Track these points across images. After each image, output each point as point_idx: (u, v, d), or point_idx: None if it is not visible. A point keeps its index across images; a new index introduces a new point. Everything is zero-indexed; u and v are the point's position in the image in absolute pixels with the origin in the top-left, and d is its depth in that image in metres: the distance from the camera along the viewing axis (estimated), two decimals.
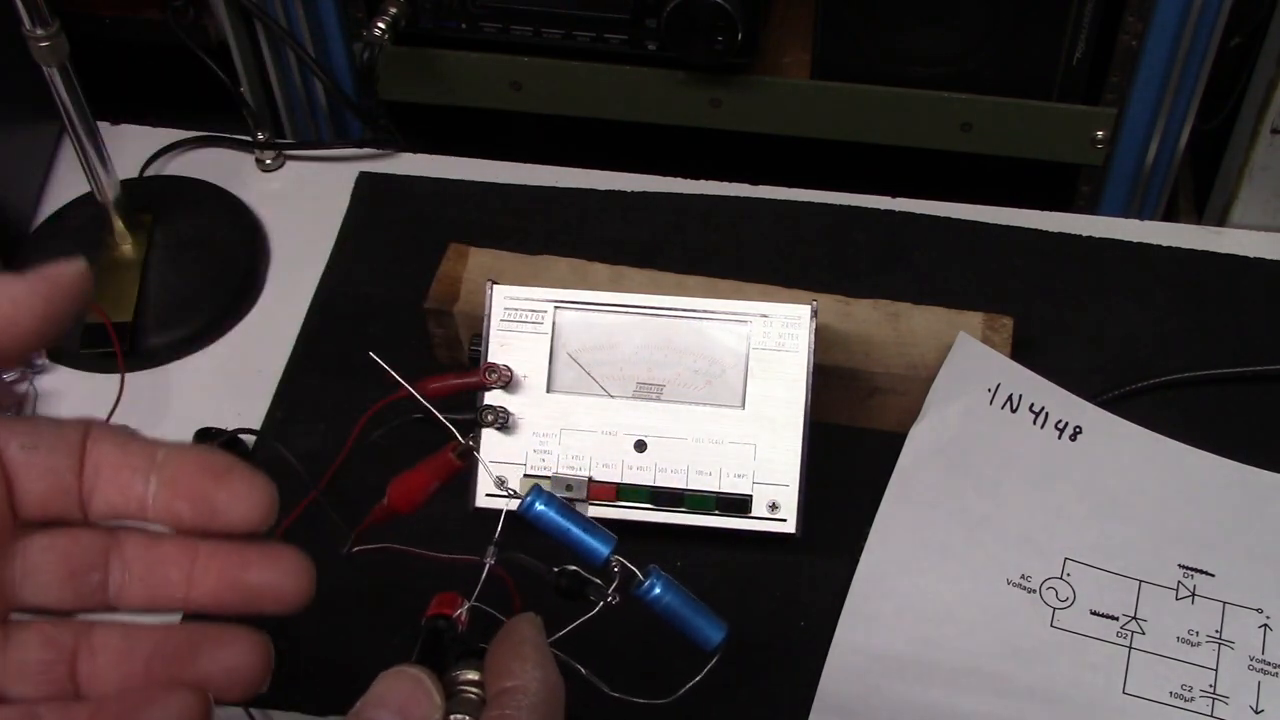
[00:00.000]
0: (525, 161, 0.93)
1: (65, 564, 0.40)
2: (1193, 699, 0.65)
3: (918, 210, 0.87)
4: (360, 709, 0.41)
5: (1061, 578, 0.69)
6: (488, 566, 0.44)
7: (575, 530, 0.45)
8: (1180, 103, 0.85)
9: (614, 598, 0.44)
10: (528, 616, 0.42)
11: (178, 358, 0.84)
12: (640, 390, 0.70)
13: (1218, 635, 0.67)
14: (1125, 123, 0.87)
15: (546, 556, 0.48)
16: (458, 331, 0.77)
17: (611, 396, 0.70)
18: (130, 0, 0.97)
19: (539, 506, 0.45)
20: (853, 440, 0.76)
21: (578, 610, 0.44)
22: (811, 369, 0.69)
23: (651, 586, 0.45)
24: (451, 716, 0.39)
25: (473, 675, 0.40)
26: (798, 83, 0.90)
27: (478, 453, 0.46)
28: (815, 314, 0.70)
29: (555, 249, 0.79)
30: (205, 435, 0.76)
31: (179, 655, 0.40)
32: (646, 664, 0.51)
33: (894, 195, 0.88)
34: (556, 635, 0.42)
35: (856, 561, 0.70)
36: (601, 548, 0.45)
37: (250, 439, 0.78)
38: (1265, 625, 0.67)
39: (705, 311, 0.71)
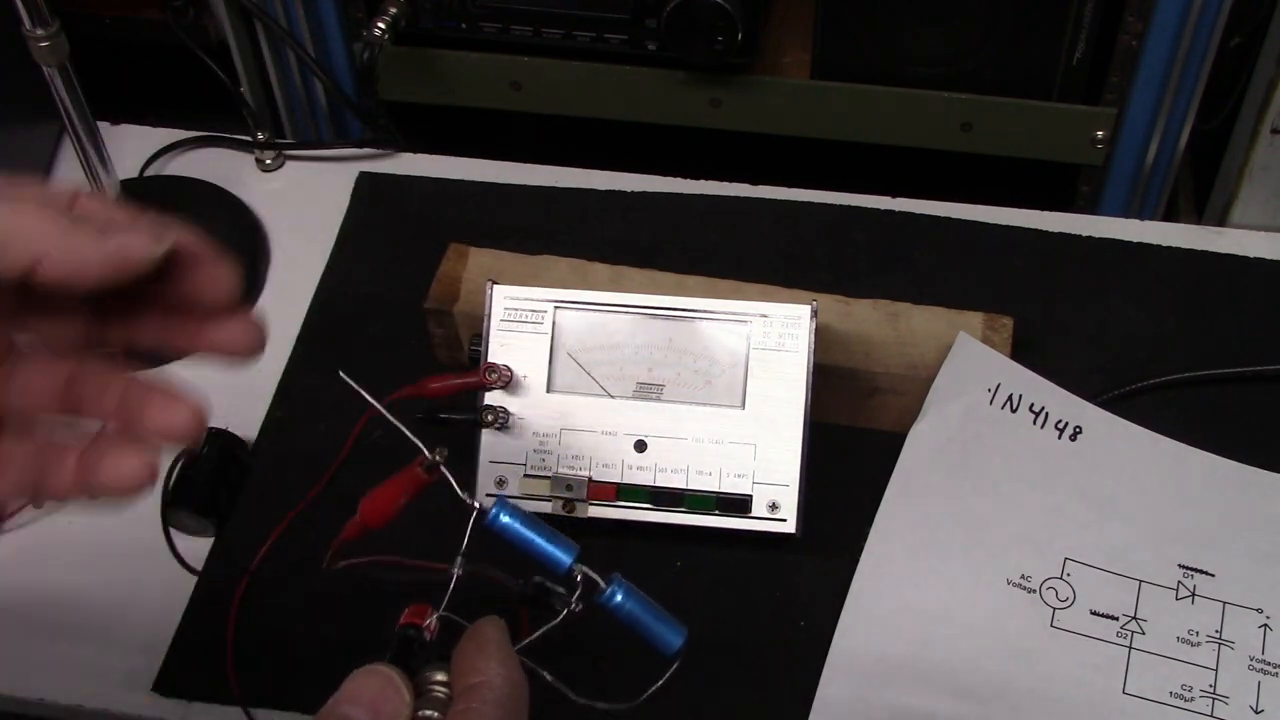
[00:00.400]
0: (525, 161, 0.93)
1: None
2: (1193, 699, 0.65)
3: (918, 210, 0.87)
4: (333, 705, 0.41)
5: (1061, 578, 0.69)
6: (455, 577, 0.45)
7: (538, 541, 0.46)
8: (1180, 103, 0.85)
9: (577, 605, 0.45)
10: (491, 619, 0.43)
11: (178, 358, 0.84)
12: (640, 390, 0.70)
13: (1218, 635, 0.67)
14: (1125, 123, 0.87)
15: (516, 564, 0.48)
16: (458, 331, 0.77)
17: (611, 396, 0.70)
18: (130, 0, 0.97)
19: (503, 519, 0.46)
20: (853, 440, 0.76)
21: (545, 618, 0.45)
22: (811, 369, 0.69)
23: (613, 594, 0.46)
24: (420, 713, 0.40)
25: (441, 675, 0.41)
26: (798, 83, 0.90)
27: (445, 468, 0.48)
28: (815, 314, 0.70)
29: (555, 249, 0.79)
30: (205, 435, 0.76)
31: (133, 405, 0.45)
32: (614, 670, 0.52)
33: (894, 195, 0.88)
34: (522, 643, 0.43)
35: (856, 561, 0.70)
36: (564, 557, 0.46)
37: (250, 439, 0.79)
38: (1265, 625, 0.67)
39: (705, 311, 0.71)
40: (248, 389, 0.81)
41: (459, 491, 0.47)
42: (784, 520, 0.69)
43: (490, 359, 0.71)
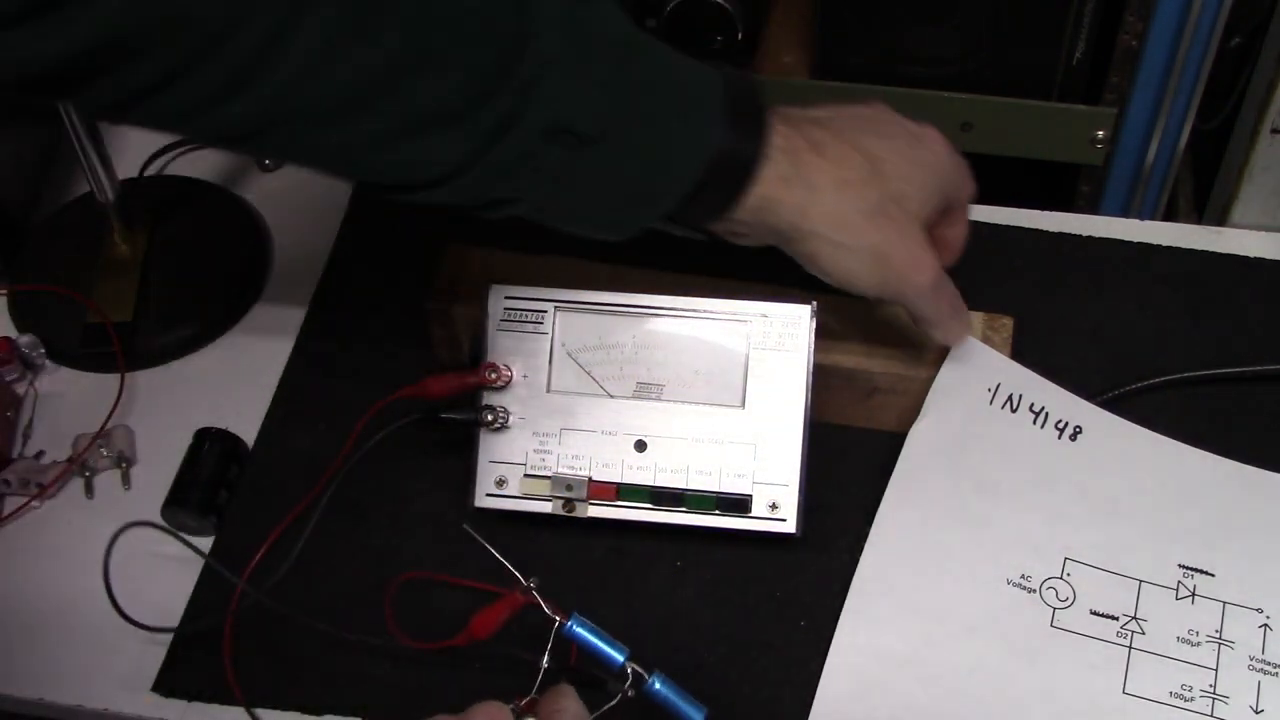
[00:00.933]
0: None
1: None
2: (1193, 699, 0.65)
3: None
4: (467, 713, 0.52)
5: (1061, 578, 0.69)
6: (543, 670, 0.57)
7: (599, 645, 0.59)
8: (1180, 103, 0.85)
9: (630, 692, 0.59)
10: (563, 684, 0.54)
11: (178, 358, 0.84)
12: (640, 390, 0.70)
13: (1218, 635, 0.67)
14: (1125, 123, 0.87)
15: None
16: (458, 331, 0.77)
17: (611, 396, 0.70)
18: None
19: (577, 630, 0.59)
20: (853, 440, 0.76)
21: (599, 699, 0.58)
22: (811, 369, 0.69)
23: (654, 683, 0.59)
24: None
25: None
26: (798, 83, 0.90)
27: (536, 593, 0.60)
28: (815, 314, 0.70)
29: (555, 249, 0.79)
30: (204, 435, 0.76)
31: None
32: None
33: None
34: (592, 716, 0.55)
35: (856, 561, 0.70)
36: (619, 656, 0.59)
37: (250, 439, 0.79)
38: (1265, 625, 0.67)
39: (705, 311, 0.71)
40: (248, 389, 0.81)
41: (546, 610, 0.59)
42: (784, 520, 0.69)
43: (490, 359, 0.71)
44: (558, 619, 0.59)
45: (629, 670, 0.59)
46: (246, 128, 0.53)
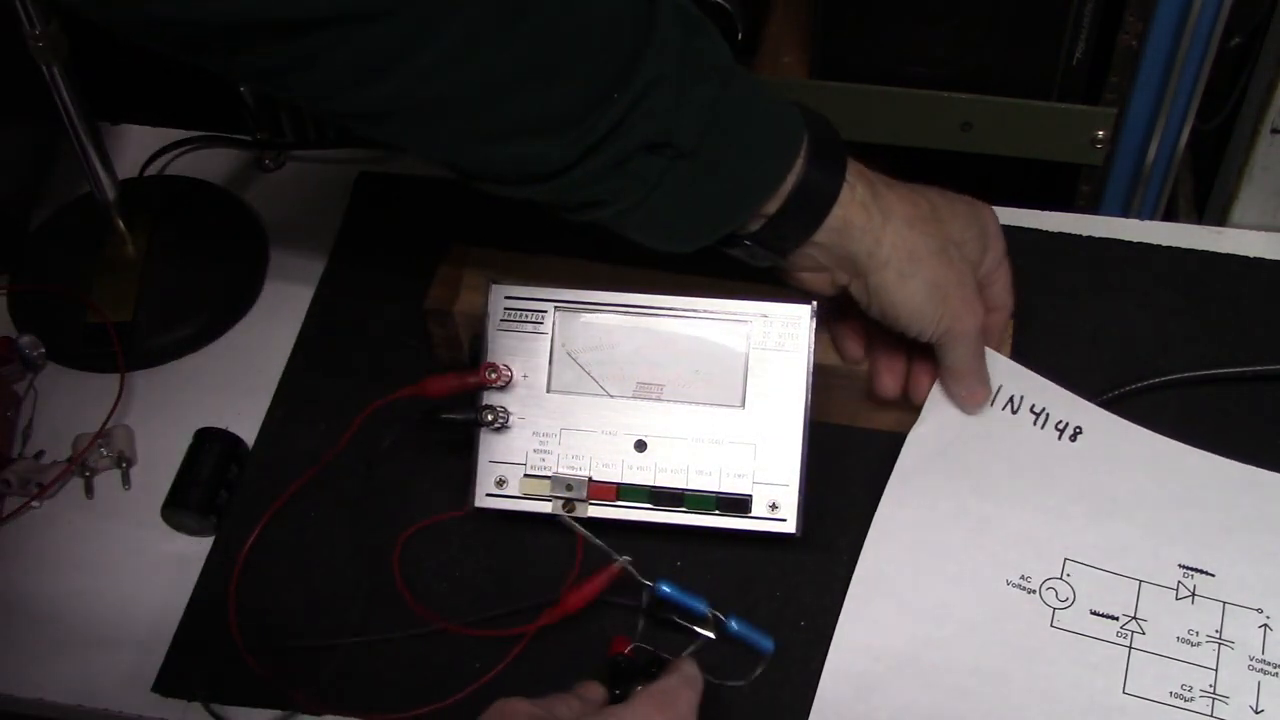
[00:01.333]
0: None
1: None
2: (1193, 699, 0.65)
3: None
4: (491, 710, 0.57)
5: (1061, 578, 0.69)
6: (640, 625, 0.68)
7: (686, 600, 0.68)
8: (1180, 103, 0.85)
9: (712, 634, 0.68)
10: (686, 656, 0.63)
11: (178, 358, 0.84)
12: (640, 390, 0.70)
13: (1218, 635, 0.67)
14: (1125, 123, 0.87)
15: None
16: (458, 331, 0.77)
17: (611, 396, 0.70)
18: None
19: (666, 590, 0.67)
20: (853, 440, 0.76)
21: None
22: (811, 369, 0.69)
23: (732, 623, 0.68)
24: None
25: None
26: (797, 82, 0.90)
27: (630, 568, 0.67)
28: (815, 314, 0.70)
29: (555, 249, 0.79)
30: (204, 435, 0.76)
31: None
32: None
33: None
34: (688, 649, 0.67)
35: (856, 561, 0.70)
36: (703, 606, 0.68)
37: (250, 439, 0.79)
38: (1265, 625, 0.67)
39: (705, 311, 0.71)
40: (248, 389, 0.81)
41: (640, 579, 0.66)
42: (784, 520, 0.69)
43: (490, 359, 0.71)
44: (650, 585, 0.66)
45: (711, 615, 0.67)
46: (372, 110, 0.57)
